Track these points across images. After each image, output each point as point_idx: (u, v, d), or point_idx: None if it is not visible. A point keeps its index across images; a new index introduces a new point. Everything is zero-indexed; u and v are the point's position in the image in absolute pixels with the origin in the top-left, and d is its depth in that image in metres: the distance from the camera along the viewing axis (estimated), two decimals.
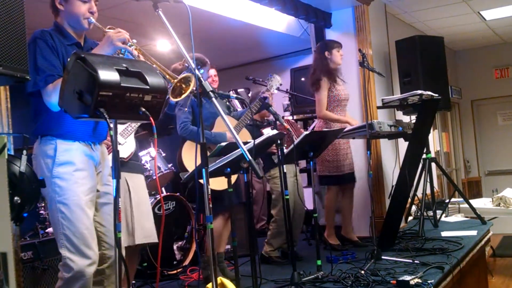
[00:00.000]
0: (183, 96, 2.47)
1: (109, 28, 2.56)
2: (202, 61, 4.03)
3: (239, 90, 6.53)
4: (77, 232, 2.44)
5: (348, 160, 4.92)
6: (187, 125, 3.89)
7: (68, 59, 2.09)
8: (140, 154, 4.75)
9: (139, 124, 3.43)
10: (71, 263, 2.41)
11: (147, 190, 3.64)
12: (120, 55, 2.52)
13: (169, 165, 4.96)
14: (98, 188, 2.62)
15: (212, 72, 4.64)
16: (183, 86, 2.47)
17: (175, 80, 2.45)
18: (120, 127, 3.42)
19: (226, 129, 3.93)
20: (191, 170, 3.79)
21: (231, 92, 5.18)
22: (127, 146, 3.44)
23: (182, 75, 2.46)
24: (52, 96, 2.41)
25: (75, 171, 2.48)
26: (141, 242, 3.41)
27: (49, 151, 2.49)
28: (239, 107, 5.96)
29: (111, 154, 3.22)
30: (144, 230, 3.42)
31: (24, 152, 2.19)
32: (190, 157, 3.88)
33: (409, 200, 5.28)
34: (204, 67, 4.03)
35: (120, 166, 2.09)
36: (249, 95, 6.44)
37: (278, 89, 4.42)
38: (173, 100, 2.50)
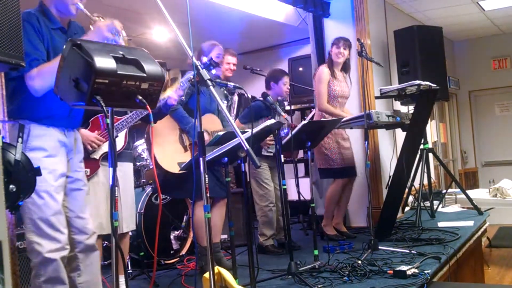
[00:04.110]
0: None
1: (96, 16, 2.54)
2: (210, 49, 4.01)
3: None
4: (44, 217, 2.42)
5: (350, 153, 4.92)
6: (176, 105, 3.87)
7: (64, 46, 2.06)
8: (137, 143, 4.73)
9: (135, 121, 3.40)
10: (39, 247, 2.40)
11: (133, 179, 3.65)
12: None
13: None
14: (68, 174, 2.61)
15: (232, 60, 4.58)
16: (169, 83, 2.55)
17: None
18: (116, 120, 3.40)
19: (207, 125, 3.93)
20: (160, 160, 3.77)
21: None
22: (117, 141, 3.43)
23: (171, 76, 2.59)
24: (36, 80, 2.39)
25: (45, 157, 2.46)
26: (125, 231, 3.50)
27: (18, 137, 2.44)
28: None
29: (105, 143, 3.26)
30: (125, 218, 3.45)
31: (20, 140, 2.17)
32: (158, 143, 3.85)
33: (406, 190, 5.28)
34: (211, 52, 3.99)
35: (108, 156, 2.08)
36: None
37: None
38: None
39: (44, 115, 2.50)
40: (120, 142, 3.46)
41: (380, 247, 4.05)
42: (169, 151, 3.79)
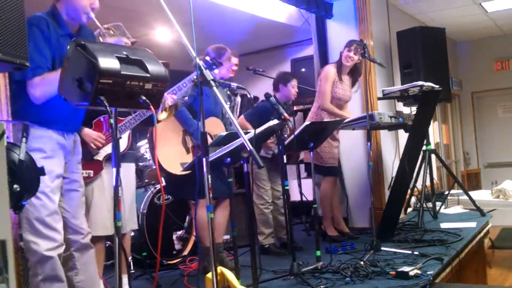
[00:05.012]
0: None
1: (105, 28, 2.58)
2: (220, 53, 4.01)
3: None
4: (40, 218, 2.45)
5: (337, 153, 4.96)
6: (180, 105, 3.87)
7: (68, 47, 2.07)
8: (140, 144, 4.74)
9: (138, 122, 3.40)
10: (35, 246, 2.44)
11: (134, 179, 3.65)
12: None
13: None
14: (65, 175, 2.64)
15: (236, 60, 4.58)
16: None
17: None
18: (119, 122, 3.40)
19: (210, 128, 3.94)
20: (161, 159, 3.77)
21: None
22: (121, 142, 3.43)
23: None
24: (37, 89, 2.42)
25: (43, 158, 2.48)
26: (126, 231, 3.51)
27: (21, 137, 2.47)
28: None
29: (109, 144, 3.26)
30: (126, 219, 3.46)
31: (24, 140, 2.18)
32: (161, 145, 3.84)
33: (409, 191, 5.28)
34: (222, 57, 4.00)
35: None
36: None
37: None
38: None
39: (46, 119, 2.53)
40: (123, 144, 3.46)
41: (382, 248, 4.05)
42: (172, 152, 3.79)
